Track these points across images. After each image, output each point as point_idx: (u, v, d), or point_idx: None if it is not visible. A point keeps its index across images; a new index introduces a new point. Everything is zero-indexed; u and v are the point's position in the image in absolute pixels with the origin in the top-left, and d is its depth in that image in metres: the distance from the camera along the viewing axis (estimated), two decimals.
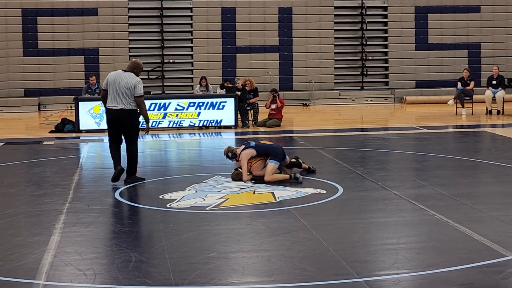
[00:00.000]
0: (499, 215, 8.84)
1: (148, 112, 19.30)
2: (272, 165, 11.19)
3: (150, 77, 28.36)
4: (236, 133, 19.19)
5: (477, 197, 10.06)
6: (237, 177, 11.29)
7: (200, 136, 18.90)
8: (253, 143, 11.55)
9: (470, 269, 6.72)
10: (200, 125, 20.08)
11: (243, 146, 11.61)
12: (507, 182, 11.35)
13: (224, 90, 21.35)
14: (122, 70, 11.28)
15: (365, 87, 29.82)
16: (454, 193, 10.13)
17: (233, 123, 20.12)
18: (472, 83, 23.39)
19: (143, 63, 12.33)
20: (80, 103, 19.60)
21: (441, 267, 6.75)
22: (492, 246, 7.42)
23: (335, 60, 29.60)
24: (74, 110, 20.05)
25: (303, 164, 11.97)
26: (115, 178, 11.13)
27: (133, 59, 11.73)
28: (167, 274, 6.65)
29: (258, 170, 11.33)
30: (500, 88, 22.62)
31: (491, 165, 13.00)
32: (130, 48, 28.47)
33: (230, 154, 11.66)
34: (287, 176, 11.28)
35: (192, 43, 28.94)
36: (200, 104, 20.02)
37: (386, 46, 30.15)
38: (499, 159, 13.64)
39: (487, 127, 19.63)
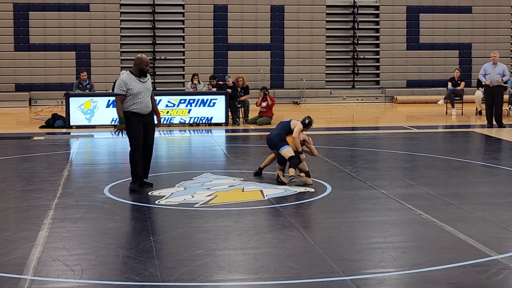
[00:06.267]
0: (485, 215, 8.90)
1: None
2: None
3: None
4: (227, 131, 19.22)
5: (464, 197, 10.12)
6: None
7: (190, 133, 18.92)
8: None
9: (455, 268, 6.78)
10: (191, 122, 20.10)
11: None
12: (494, 183, 11.44)
13: (215, 87, 21.35)
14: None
15: (356, 86, 29.88)
16: (442, 193, 10.20)
17: (223, 121, 20.14)
18: (463, 84, 23.48)
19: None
20: (70, 98, 19.58)
21: (426, 266, 6.81)
22: (477, 246, 7.48)
23: (327, 59, 29.66)
24: (64, 106, 20.06)
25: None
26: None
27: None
28: (154, 271, 6.68)
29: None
30: None
31: (480, 165, 13.09)
32: (121, 44, 28.43)
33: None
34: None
35: (184, 40, 28.94)
36: (191, 101, 20.04)
37: (377, 45, 30.22)
38: (487, 160, 13.74)
39: (476, 127, 19.70)
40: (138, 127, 10.52)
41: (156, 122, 11.03)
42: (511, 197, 10.18)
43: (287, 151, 11.11)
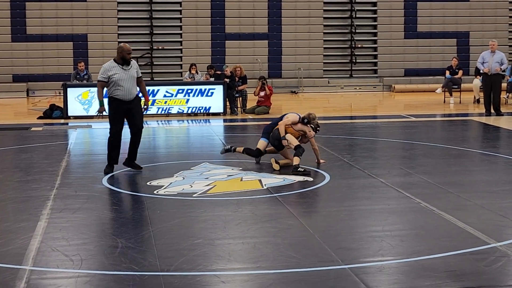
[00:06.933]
0: (484, 203, 8.91)
1: None
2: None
3: (139, 63, 28.25)
4: (225, 120, 19.21)
5: (462, 185, 10.12)
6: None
7: (188, 123, 18.92)
8: None
9: (453, 256, 6.78)
10: (189, 112, 20.09)
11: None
12: (492, 171, 11.45)
13: (213, 77, 21.33)
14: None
15: (354, 75, 29.86)
16: (440, 181, 10.20)
17: (221, 110, 20.14)
18: (461, 72, 23.48)
19: (132, 49, 12.08)
20: (68, 89, 19.56)
21: (425, 254, 6.81)
22: (476, 233, 7.49)
23: (324, 48, 29.62)
24: (62, 96, 20.03)
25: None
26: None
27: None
28: (153, 260, 6.68)
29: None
30: None
31: (478, 153, 13.09)
32: (119, 34, 28.38)
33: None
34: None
35: (181, 30, 28.89)
36: (189, 91, 20.02)
37: (375, 34, 30.19)
38: (485, 148, 13.74)
39: (474, 116, 19.70)
40: (118, 113, 11.04)
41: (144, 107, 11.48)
42: (509, 185, 10.18)
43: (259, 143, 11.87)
